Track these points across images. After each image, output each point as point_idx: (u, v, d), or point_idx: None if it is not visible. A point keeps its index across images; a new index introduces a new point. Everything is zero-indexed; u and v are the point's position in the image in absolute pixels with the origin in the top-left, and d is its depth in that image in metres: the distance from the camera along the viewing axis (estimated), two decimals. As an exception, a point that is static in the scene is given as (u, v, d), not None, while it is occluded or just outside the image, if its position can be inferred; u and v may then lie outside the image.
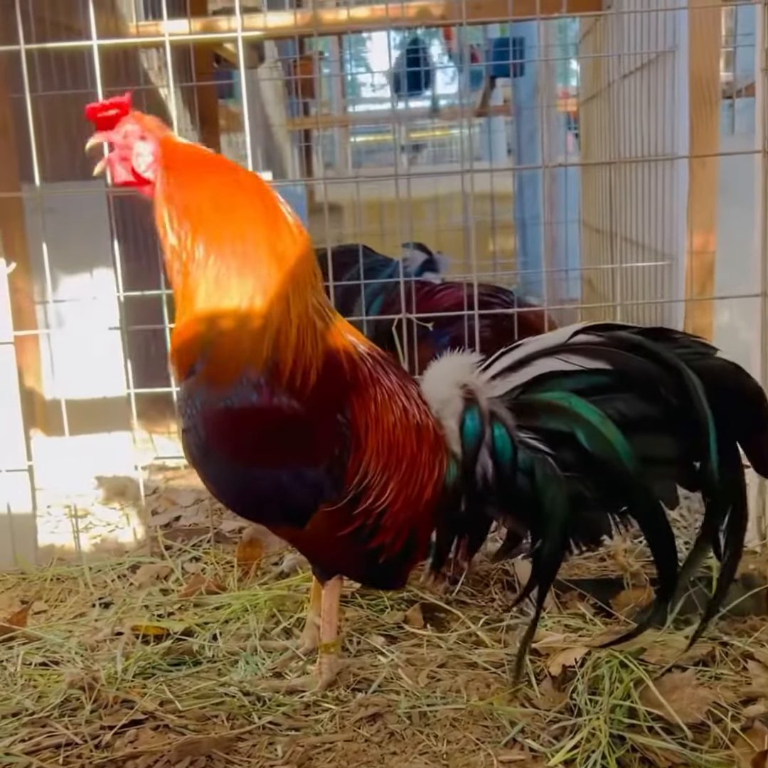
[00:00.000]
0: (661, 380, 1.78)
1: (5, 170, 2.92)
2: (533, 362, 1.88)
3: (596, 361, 1.83)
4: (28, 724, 1.84)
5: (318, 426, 1.84)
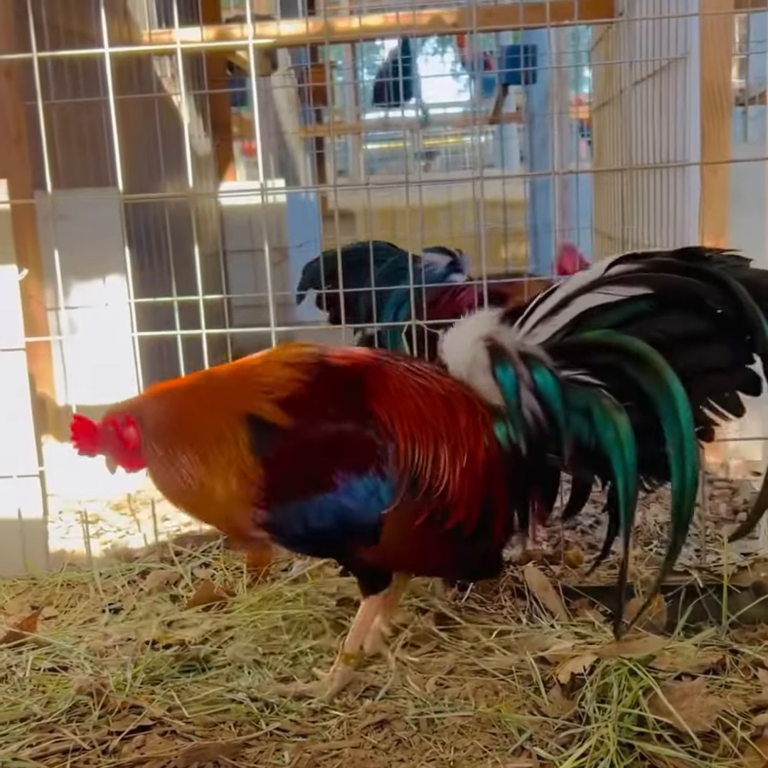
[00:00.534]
0: (704, 292, 1.78)
1: (19, 177, 2.92)
2: (573, 302, 1.87)
3: (636, 287, 1.82)
4: (35, 729, 1.84)
5: (349, 438, 1.86)
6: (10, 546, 2.61)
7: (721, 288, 1.77)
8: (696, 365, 1.82)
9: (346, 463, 1.85)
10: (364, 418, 1.86)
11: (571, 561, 2.57)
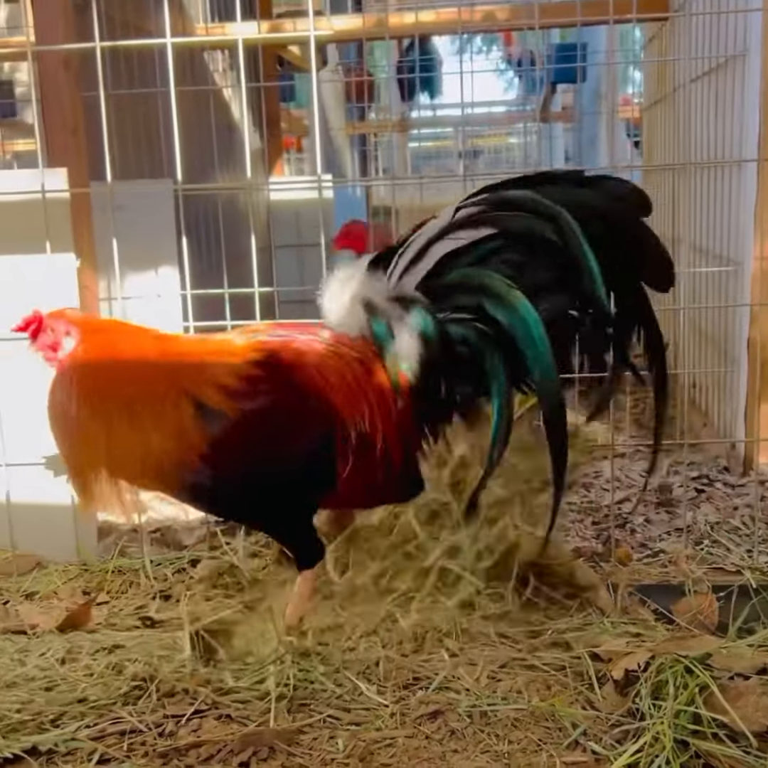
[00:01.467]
0: (540, 232, 1.96)
1: (75, 168, 2.95)
2: (428, 250, 2.01)
3: (480, 229, 1.98)
4: (93, 711, 1.86)
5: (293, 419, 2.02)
6: (62, 532, 2.63)
7: (555, 224, 1.95)
8: (543, 289, 2.00)
9: (291, 439, 2.02)
10: (304, 397, 2.01)
11: (621, 559, 2.56)
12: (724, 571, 2.48)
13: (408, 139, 9.96)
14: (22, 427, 2.63)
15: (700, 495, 3.04)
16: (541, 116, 7.50)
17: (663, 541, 2.72)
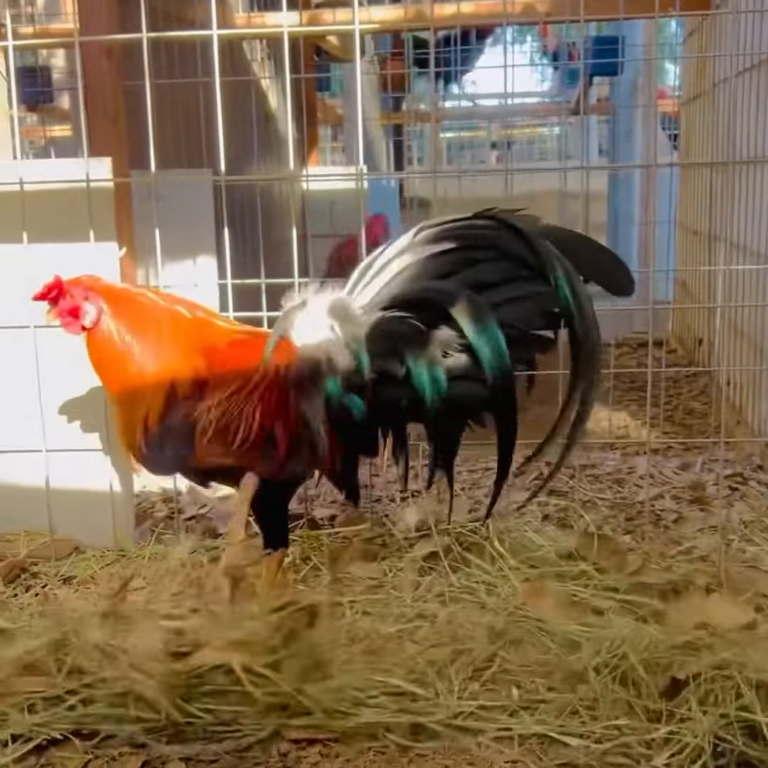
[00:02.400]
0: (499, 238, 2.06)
1: (116, 157, 2.97)
2: (389, 266, 2.10)
3: (440, 244, 2.07)
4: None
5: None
6: (100, 518, 2.66)
7: (515, 233, 2.04)
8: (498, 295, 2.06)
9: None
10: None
11: (652, 555, 2.56)
12: (758, 570, 2.47)
13: (441, 129, 9.92)
14: (62, 413, 2.66)
15: (734, 493, 3.04)
16: (576, 108, 7.47)
17: (696, 539, 2.71)
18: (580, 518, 2.76)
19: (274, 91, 5.22)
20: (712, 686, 1.83)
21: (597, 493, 3.03)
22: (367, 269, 2.13)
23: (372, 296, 2.11)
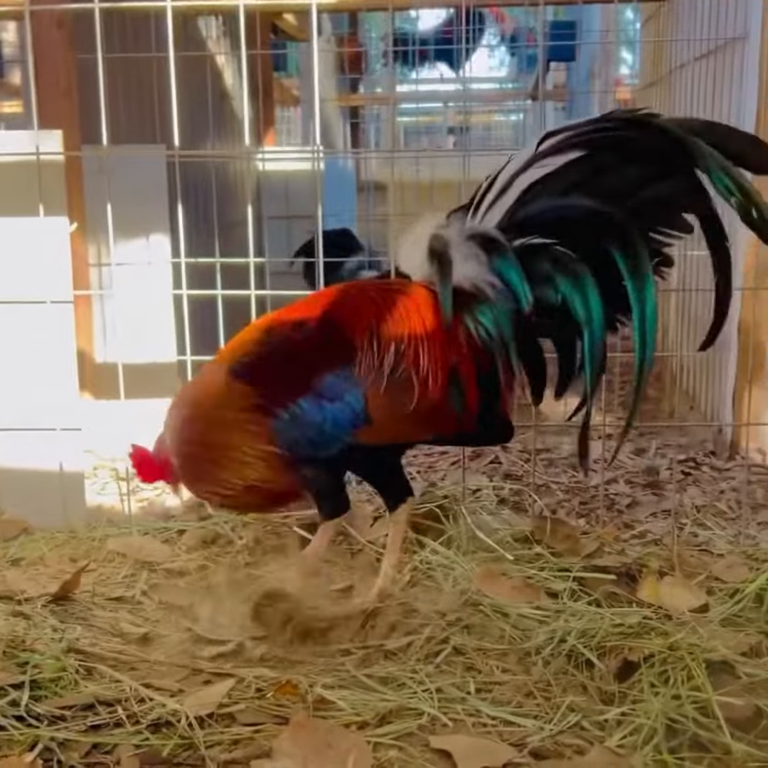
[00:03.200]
0: (634, 137, 1.88)
1: (67, 130, 2.91)
2: (513, 183, 1.94)
3: (569, 153, 1.89)
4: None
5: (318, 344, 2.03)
6: (49, 499, 2.61)
7: (647, 129, 1.87)
8: (640, 205, 1.89)
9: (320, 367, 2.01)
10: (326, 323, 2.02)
11: (606, 539, 2.57)
12: (710, 554, 2.49)
13: (398, 114, 9.89)
14: (10, 393, 2.60)
15: (687, 478, 3.06)
16: (532, 94, 7.48)
17: (649, 523, 2.73)
18: (535, 502, 2.77)
19: (230, 69, 5.16)
20: (665, 668, 1.83)
21: (552, 477, 3.03)
22: (490, 187, 1.98)
23: (501, 217, 1.96)
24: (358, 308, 2.03)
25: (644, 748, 1.65)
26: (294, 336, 2.03)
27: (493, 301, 1.97)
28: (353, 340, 1.99)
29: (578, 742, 1.69)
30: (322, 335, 2.02)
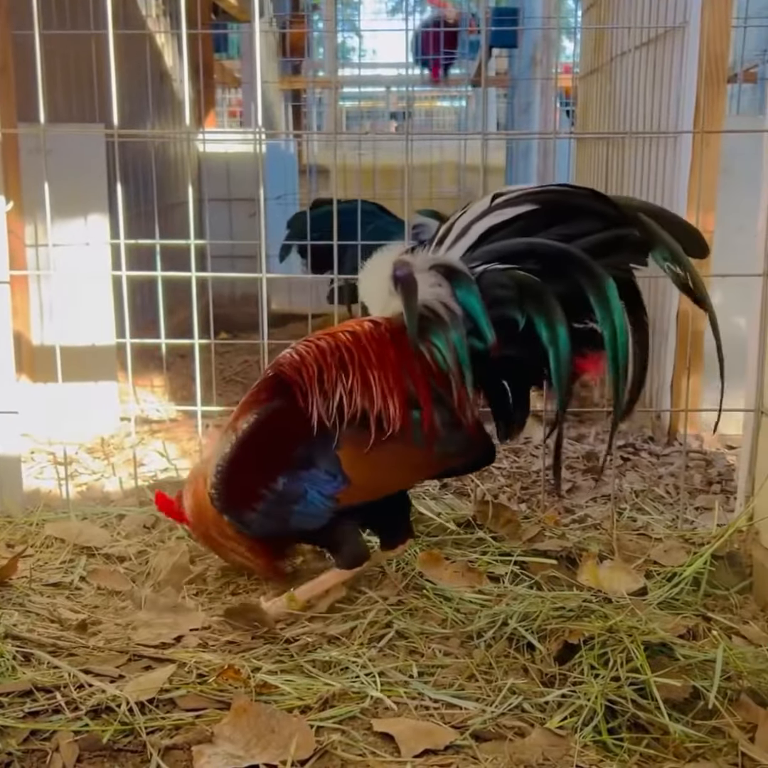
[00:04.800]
0: (584, 199, 1.95)
1: (3, 108, 2.86)
2: (470, 229, 1.98)
3: (522, 206, 1.95)
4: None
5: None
6: (-16, 483, 2.57)
7: (595, 197, 1.95)
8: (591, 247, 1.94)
9: (284, 441, 2.03)
10: (281, 395, 2.01)
11: (547, 523, 2.59)
12: (648, 538, 2.52)
13: (340, 98, 9.84)
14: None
15: (626, 463, 3.10)
16: (475, 81, 7.49)
17: (589, 508, 2.76)
18: (477, 487, 2.78)
19: (170, 49, 5.09)
20: (604, 650, 1.85)
21: (494, 463, 3.04)
22: (448, 232, 2.01)
23: (463, 254, 1.99)
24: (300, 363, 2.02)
25: (584, 729, 1.67)
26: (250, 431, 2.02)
27: (449, 326, 1.96)
28: (305, 401, 1.98)
29: (519, 724, 1.70)
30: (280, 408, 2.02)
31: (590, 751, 1.62)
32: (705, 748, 1.64)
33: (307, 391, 1.98)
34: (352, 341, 2.02)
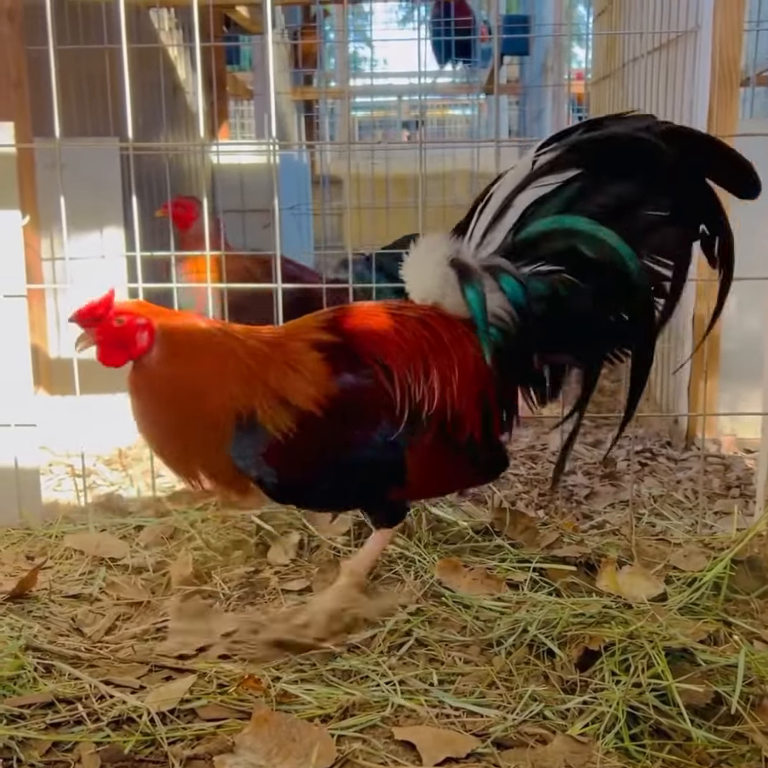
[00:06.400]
0: (627, 149, 1.89)
1: (19, 123, 2.87)
2: (512, 203, 1.96)
3: (566, 171, 1.92)
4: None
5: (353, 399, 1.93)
6: (4, 496, 2.57)
7: (638, 141, 1.89)
8: (638, 226, 1.93)
9: (357, 422, 1.93)
10: (359, 371, 1.93)
11: (565, 529, 2.58)
12: (668, 543, 2.51)
13: (352, 108, 9.87)
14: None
15: (644, 468, 3.08)
16: (487, 88, 7.50)
17: (607, 513, 2.75)
18: (494, 494, 2.78)
19: (183, 62, 5.11)
20: (625, 656, 1.85)
21: (511, 469, 3.04)
22: (485, 208, 1.98)
23: (504, 239, 1.97)
24: (380, 341, 1.97)
25: (606, 736, 1.66)
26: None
27: (510, 327, 1.97)
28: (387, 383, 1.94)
29: (541, 731, 1.70)
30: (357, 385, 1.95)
31: (612, 758, 1.62)
32: (728, 754, 1.63)
33: (393, 376, 1.94)
34: (426, 334, 1.98)
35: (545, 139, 1.97)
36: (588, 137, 1.93)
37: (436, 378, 1.95)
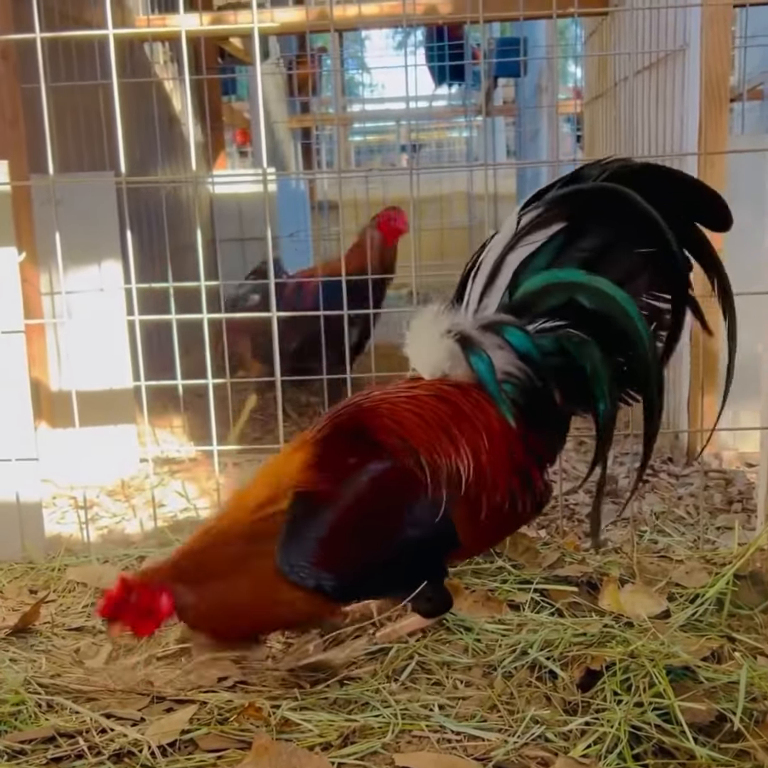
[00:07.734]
0: (607, 205, 1.92)
1: (15, 160, 2.90)
2: (503, 265, 1.98)
3: (550, 227, 1.95)
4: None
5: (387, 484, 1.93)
6: (6, 530, 2.59)
7: (618, 198, 1.91)
8: (627, 268, 1.96)
9: (397, 506, 1.93)
10: (384, 457, 1.91)
11: (567, 549, 2.58)
12: (670, 560, 2.51)
13: (349, 134, 9.93)
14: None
15: (645, 485, 3.08)
16: (481, 108, 7.54)
17: (609, 531, 2.75)
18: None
19: (178, 94, 5.16)
20: (627, 675, 1.84)
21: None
22: (477, 274, 2.01)
23: (500, 302, 1.99)
24: (401, 423, 1.94)
25: (609, 756, 1.65)
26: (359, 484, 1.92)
27: (524, 380, 1.98)
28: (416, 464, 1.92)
29: (543, 753, 1.69)
30: (385, 470, 1.92)
31: (615, 779, 1.61)
32: (731, 772, 1.62)
33: (418, 457, 1.91)
34: (444, 408, 1.97)
35: (527, 199, 2.01)
36: (563, 193, 1.97)
37: (465, 447, 1.94)
